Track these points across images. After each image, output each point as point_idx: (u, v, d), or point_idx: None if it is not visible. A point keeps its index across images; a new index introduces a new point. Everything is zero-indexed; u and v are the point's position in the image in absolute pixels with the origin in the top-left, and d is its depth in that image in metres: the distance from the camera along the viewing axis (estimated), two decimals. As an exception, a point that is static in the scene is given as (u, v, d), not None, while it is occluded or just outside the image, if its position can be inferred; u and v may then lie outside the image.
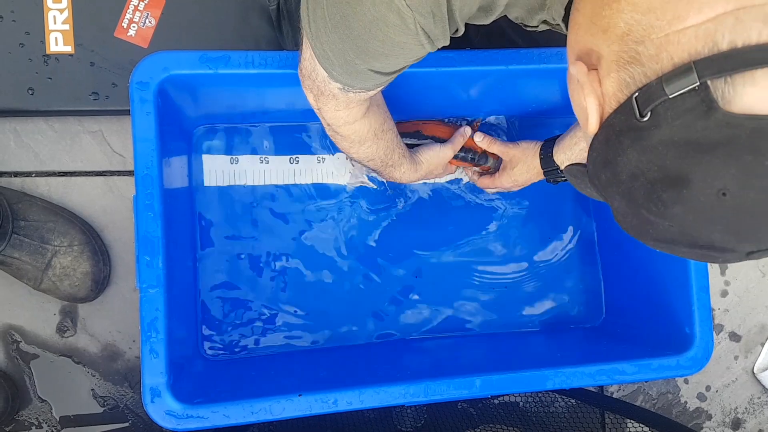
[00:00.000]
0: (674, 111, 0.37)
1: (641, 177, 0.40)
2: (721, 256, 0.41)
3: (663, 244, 0.42)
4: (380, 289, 0.93)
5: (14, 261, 0.85)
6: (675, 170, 0.38)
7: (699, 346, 0.80)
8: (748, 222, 0.38)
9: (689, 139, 0.37)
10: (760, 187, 0.36)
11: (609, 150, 0.42)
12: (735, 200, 0.37)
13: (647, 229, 0.42)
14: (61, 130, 0.92)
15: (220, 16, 0.89)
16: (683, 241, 0.41)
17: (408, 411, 0.96)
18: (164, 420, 0.68)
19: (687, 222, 0.39)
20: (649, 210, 0.40)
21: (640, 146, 0.39)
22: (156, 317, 0.68)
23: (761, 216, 0.38)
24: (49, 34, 0.87)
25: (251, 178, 0.90)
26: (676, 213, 0.39)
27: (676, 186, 0.38)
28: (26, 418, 0.92)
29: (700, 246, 0.40)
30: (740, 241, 0.39)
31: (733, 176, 0.36)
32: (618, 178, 0.42)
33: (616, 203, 0.44)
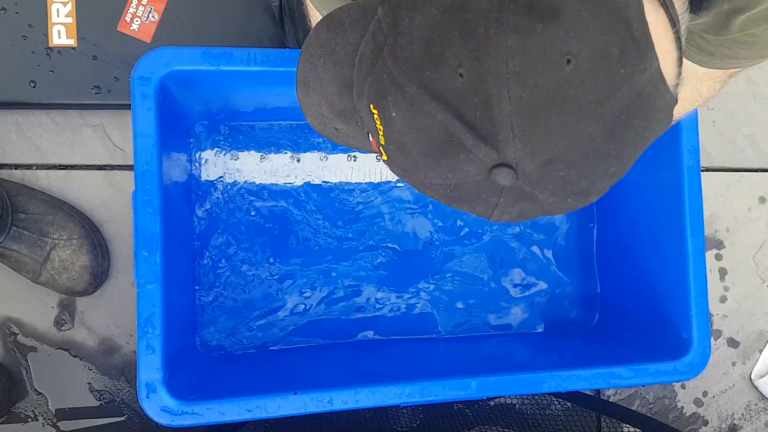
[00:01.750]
0: None
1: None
2: (468, 149, 0.33)
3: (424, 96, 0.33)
4: (380, 290, 0.93)
5: (13, 253, 0.85)
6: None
7: (696, 352, 0.80)
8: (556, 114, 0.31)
9: None
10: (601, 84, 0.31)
11: None
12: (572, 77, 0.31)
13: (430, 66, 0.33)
14: (63, 124, 0.92)
15: (223, 12, 0.89)
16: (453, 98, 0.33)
17: (404, 411, 0.96)
18: (159, 416, 0.68)
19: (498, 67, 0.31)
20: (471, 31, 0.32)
21: None
22: (153, 313, 0.68)
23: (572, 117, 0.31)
24: (52, 27, 0.87)
25: (252, 175, 0.90)
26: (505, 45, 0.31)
27: (535, 15, 0.31)
28: (22, 411, 0.92)
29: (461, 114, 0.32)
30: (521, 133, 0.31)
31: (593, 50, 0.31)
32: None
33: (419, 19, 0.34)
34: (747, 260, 1.12)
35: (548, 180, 0.33)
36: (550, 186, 0.34)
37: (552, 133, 0.32)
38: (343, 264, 0.93)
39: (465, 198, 0.36)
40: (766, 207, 1.12)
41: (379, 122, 0.36)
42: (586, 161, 0.33)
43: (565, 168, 0.33)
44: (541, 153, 0.32)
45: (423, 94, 0.33)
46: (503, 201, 0.35)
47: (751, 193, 1.11)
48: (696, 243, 0.80)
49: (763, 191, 1.11)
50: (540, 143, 0.32)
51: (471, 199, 0.36)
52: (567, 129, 0.32)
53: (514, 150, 0.32)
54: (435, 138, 0.34)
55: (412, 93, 0.34)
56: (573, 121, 0.31)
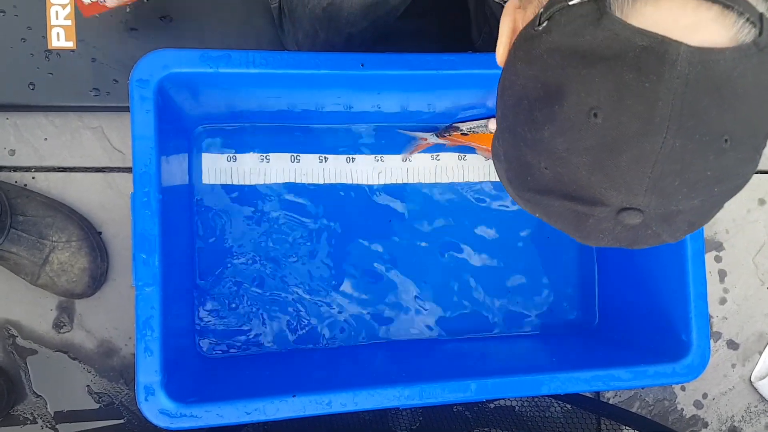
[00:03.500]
0: (568, 17, 0.36)
1: (524, 99, 0.37)
2: (591, 214, 0.37)
3: (538, 197, 0.39)
4: (378, 291, 0.93)
5: (12, 256, 0.85)
6: (553, 83, 0.35)
7: (696, 354, 0.80)
8: (618, 156, 0.34)
9: (575, 47, 0.35)
10: (635, 112, 0.34)
11: (506, 73, 0.40)
12: (606, 124, 0.34)
13: (525, 176, 0.39)
14: (62, 126, 0.92)
15: (222, 14, 0.89)
16: (554, 189, 0.37)
17: (403, 413, 0.96)
18: (157, 419, 0.68)
19: (555, 153, 0.36)
20: (525, 140, 0.37)
21: (529, 56, 0.37)
22: (151, 315, 0.68)
23: (633, 151, 0.34)
24: (51, 29, 0.87)
25: (251, 176, 0.90)
26: (546, 138, 0.36)
27: (551, 102, 0.35)
28: (21, 413, 0.92)
29: (569, 196, 0.37)
30: (609, 184, 0.35)
31: (609, 94, 0.34)
32: (507, 106, 0.39)
33: (505, 147, 0.40)
34: (746, 262, 1.12)
35: (671, 195, 0.36)
36: (679, 197, 0.36)
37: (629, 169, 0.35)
38: (343, 265, 0.93)
39: (632, 241, 0.40)
40: (766, 209, 1.12)
41: None
42: (685, 162, 0.35)
43: (675, 178, 0.36)
44: (637, 186, 0.35)
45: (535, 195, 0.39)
46: (657, 228, 0.38)
47: (751, 195, 1.11)
48: (695, 245, 0.80)
49: (762, 193, 1.11)
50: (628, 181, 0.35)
51: (636, 241, 0.39)
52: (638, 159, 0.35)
53: (616, 197, 0.36)
54: (568, 217, 0.39)
55: (531, 198, 0.40)
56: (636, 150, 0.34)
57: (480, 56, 0.75)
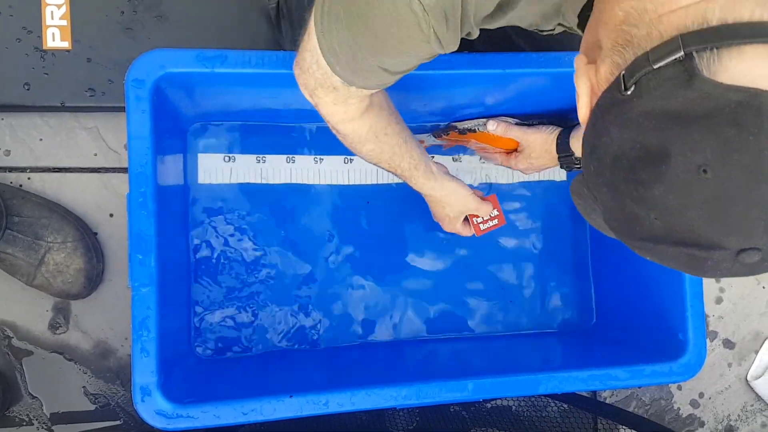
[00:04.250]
0: (657, 81, 0.37)
1: (623, 159, 0.38)
2: (710, 258, 0.38)
3: (650, 245, 0.40)
4: (375, 291, 0.93)
5: (7, 257, 0.85)
6: (654, 144, 0.36)
7: (692, 353, 0.80)
8: (733, 206, 0.36)
9: (669, 109, 0.36)
10: (744, 165, 0.35)
11: (595, 133, 0.41)
12: (717, 178, 0.35)
13: (633, 227, 0.40)
14: (57, 126, 0.92)
15: (218, 14, 0.89)
16: (667, 237, 0.38)
17: (400, 413, 0.96)
18: (154, 419, 0.67)
19: (668, 207, 0.37)
20: (631, 197, 0.39)
21: (622, 120, 0.38)
22: (147, 316, 0.68)
23: (747, 199, 0.36)
24: (46, 29, 0.86)
25: (248, 176, 0.90)
26: (656, 195, 0.37)
27: (656, 162, 0.36)
28: (17, 415, 0.91)
29: (685, 243, 0.38)
30: (726, 231, 0.37)
31: (714, 151, 0.35)
32: (603, 164, 0.40)
33: (603, 199, 0.42)
34: (742, 261, 1.12)
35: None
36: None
37: (746, 217, 0.36)
38: (340, 265, 0.93)
39: (749, 272, 0.40)
40: (761, 208, 1.12)
41: None
42: None
43: None
44: (755, 228, 0.36)
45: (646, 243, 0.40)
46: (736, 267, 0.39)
47: (746, 194, 1.11)
48: (691, 244, 0.80)
49: (758, 192, 1.11)
50: (746, 227, 0.37)
51: (754, 270, 0.40)
52: (753, 205, 0.36)
53: (735, 241, 0.37)
54: (682, 261, 0.40)
55: (641, 245, 0.41)
56: (750, 199, 0.36)
57: (476, 56, 0.75)
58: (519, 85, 0.81)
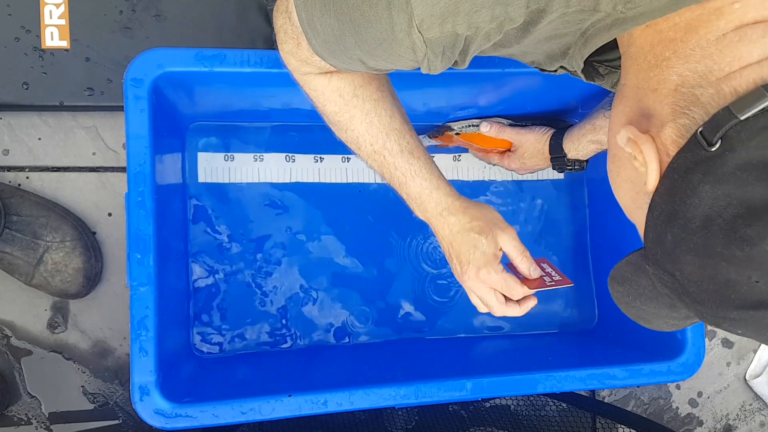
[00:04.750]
0: (748, 131, 0.35)
1: (717, 218, 0.36)
2: None
3: (750, 312, 0.38)
4: (373, 290, 0.93)
5: (6, 256, 0.84)
6: (758, 197, 0.35)
7: (690, 352, 0.80)
8: None
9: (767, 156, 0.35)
10: None
11: (674, 198, 0.38)
12: None
13: (728, 294, 0.38)
14: (55, 126, 0.92)
15: (217, 14, 0.89)
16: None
17: (399, 413, 0.96)
18: (153, 419, 0.67)
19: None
20: (731, 259, 0.36)
21: (714, 177, 0.36)
22: (146, 315, 0.68)
23: None
24: (44, 28, 0.86)
25: (246, 175, 0.90)
26: (765, 252, 0.35)
27: (761, 215, 0.35)
28: (15, 414, 0.91)
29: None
30: None
31: None
32: (689, 229, 0.38)
33: (687, 269, 0.39)
34: (741, 261, 1.12)
35: None
36: None
37: None
38: (339, 264, 0.93)
39: None
40: (760, 207, 1.12)
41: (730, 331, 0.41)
42: None
43: None
44: None
45: (745, 312, 0.37)
46: None
47: (745, 193, 1.11)
48: (690, 243, 0.80)
49: (756, 192, 1.11)
50: None
51: None
52: None
53: None
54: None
55: (737, 315, 0.38)
56: None
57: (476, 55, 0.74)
58: (515, 85, 0.81)
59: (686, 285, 0.40)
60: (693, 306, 0.40)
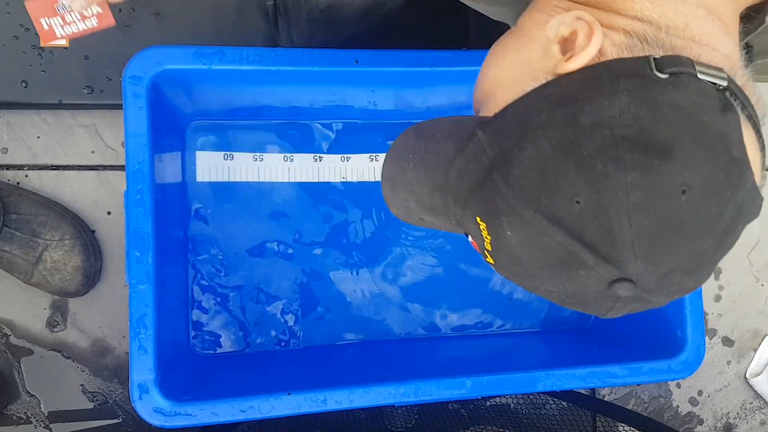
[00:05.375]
0: (696, 87, 0.37)
1: (608, 128, 0.36)
2: (591, 266, 0.36)
3: (542, 221, 0.37)
4: (374, 290, 0.93)
5: (5, 254, 0.84)
6: (661, 138, 0.35)
7: (691, 350, 0.80)
8: (676, 239, 0.36)
9: (697, 118, 0.36)
10: (712, 211, 0.36)
11: (586, 88, 0.37)
12: (687, 205, 0.35)
13: (540, 196, 0.37)
14: (54, 124, 0.91)
15: (216, 11, 0.89)
16: (569, 224, 0.36)
17: (399, 411, 0.96)
18: (152, 417, 0.67)
19: (613, 200, 0.35)
20: (582, 169, 0.35)
21: (641, 95, 0.36)
22: (145, 314, 0.67)
23: (688, 241, 0.36)
24: (43, 26, 0.86)
25: (245, 174, 0.90)
26: (618, 181, 0.35)
27: (651, 153, 0.35)
28: (14, 413, 0.91)
29: (582, 239, 0.36)
30: (644, 255, 0.36)
31: (704, 180, 0.35)
32: (571, 121, 0.37)
33: (529, 153, 0.37)
34: (741, 259, 1.12)
35: (663, 287, 0.38)
36: (664, 291, 0.38)
37: (671, 252, 0.36)
38: (339, 263, 0.92)
39: (581, 303, 0.40)
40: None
41: (486, 233, 0.40)
42: (698, 268, 0.38)
43: (680, 276, 0.37)
44: (660, 268, 0.36)
45: (541, 219, 0.37)
46: (619, 305, 0.39)
47: (745, 191, 1.11)
48: (690, 241, 0.80)
49: (757, 190, 1.11)
50: (659, 261, 0.36)
51: (587, 304, 0.40)
52: (684, 248, 0.36)
53: (635, 268, 0.36)
54: (554, 255, 0.37)
55: (530, 217, 0.37)
56: (689, 241, 0.36)
57: (476, 53, 0.74)
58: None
59: (513, 165, 0.38)
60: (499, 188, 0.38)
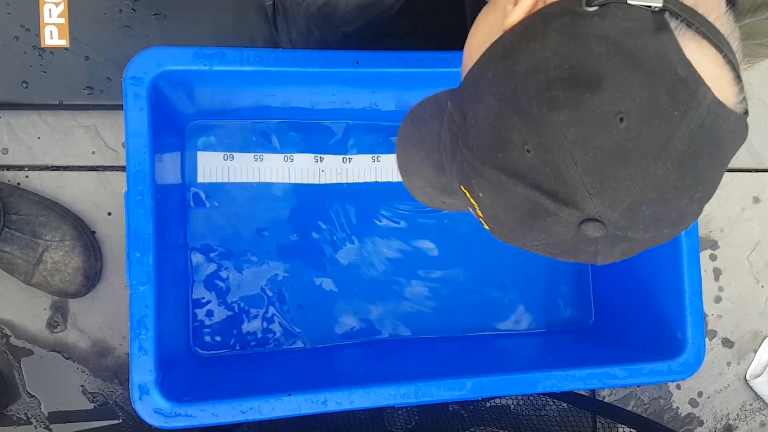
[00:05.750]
0: (626, 14, 0.36)
1: (542, 72, 0.36)
2: (555, 214, 0.36)
3: (501, 176, 0.37)
4: (374, 289, 0.93)
5: (5, 255, 0.84)
6: (590, 70, 0.35)
7: (691, 352, 0.80)
8: (622, 168, 0.34)
9: (625, 45, 0.35)
10: (656, 133, 0.34)
11: (523, 37, 0.38)
12: (627, 132, 0.34)
13: (496, 152, 0.37)
14: (55, 124, 0.91)
15: (216, 12, 0.89)
16: (526, 174, 0.36)
17: (399, 412, 0.96)
18: (152, 418, 0.67)
19: (557, 139, 0.35)
20: (524, 116, 0.36)
21: (570, 33, 0.36)
22: (145, 314, 0.67)
23: (639, 169, 0.34)
24: (44, 27, 0.86)
25: (246, 175, 0.90)
26: (557, 122, 0.35)
27: (581, 88, 0.35)
28: (14, 413, 0.91)
29: (541, 187, 0.36)
30: (597, 190, 0.35)
31: (641, 106, 0.34)
32: (511, 71, 0.37)
33: (482, 111, 0.39)
34: (741, 260, 1.12)
35: (637, 221, 0.37)
36: (641, 226, 0.37)
37: (624, 183, 0.35)
38: (339, 264, 0.92)
39: (567, 252, 0.40)
40: (760, 207, 1.12)
41: (472, 200, 0.41)
42: (666, 197, 0.36)
43: (650, 207, 0.36)
44: (620, 202, 0.35)
45: (500, 174, 0.37)
46: (601, 248, 0.38)
47: (745, 193, 1.11)
48: (690, 242, 0.80)
49: (757, 191, 1.11)
50: (616, 195, 0.35)
51: (572, 252, 0.40)
52: (637, 177, 0.35)
53: (594, 205, 0.35)
54: (521, 208, 0.37)
55: (490, 175, 0.38)
56: (640, 169, 0.35)
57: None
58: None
59: (470, 127, 0.39)
60: (462, 152, 0.39)
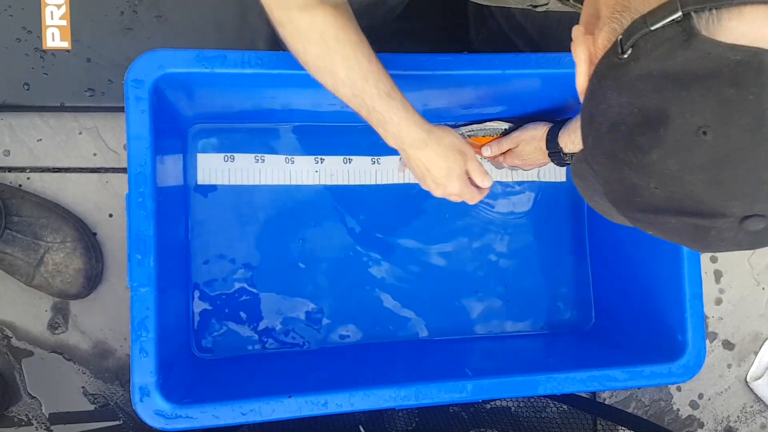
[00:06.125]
0: (654, 42, 0.36)
1: (621, 125, 0.37)
2: (713, 226, 0.37)
3: (651, 216, 0.39)
4: (374, 292, 0.93)
5: (6, 256, 0.84)
6: (652, 108, 0.36)
7: (691, 354, 0.80)
8: (735, 169, 0.35)
9: (668, 70, 0.35)
10: (744, 125, 0.34)
11: (593, 101, 0.40)
12: (718, 140, 0.34)
13: (632, 198, 0.39)
14: (56, 126, 0.92)
15: (218, 15, 0.89)
16: (669, 206, 0.37)
17: (399, 414, 0.96)
18: (153, 419, 0.67)
19: (667, 173, 0.36)
20: (630, 164, 0.38)
21: (618, 84, 0.37)
22: (146, 316, 0.68)
23: (749, 161, 0.35)
24: (46, 29, 0.86)
25: (247, 177, 0.90)
26: (655, 161, 0.36)
27: (654, 126, 0.36)
28: (15, 415, 0.91)
29: (686, 211, 0.37)
30: (728, 196, 0.36)
31: (714, 111, 0.34)
32: (600, 133, 0.39)
33: (602, 171, 0.41)
34: (742, 262, 1.12)
35: None
36: None
37: (747, 179, 0.35)
38: (339, 267, 0.92)
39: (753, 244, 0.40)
40: (761, 209, 1.12)
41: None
42: None
43: None
44: (757, 194, 0.36)
45: (646, 215, 0.39)
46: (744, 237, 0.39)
47: (746, 195, 1.11)
48: (691, 245, 0.80)
49: (757, 193, 1.11)
50: (745, 191, 0.36)
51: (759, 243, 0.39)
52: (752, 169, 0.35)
53: (737, 207, 0.36)
54: (686, 233, 0.39)
55: (640, 217, 0.40)
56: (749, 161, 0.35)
57: (476, 56, 0.74)
58: (514, 86, 0.81)
59: (604, 185, 0.42)
60: (611, 208, 0.42)
